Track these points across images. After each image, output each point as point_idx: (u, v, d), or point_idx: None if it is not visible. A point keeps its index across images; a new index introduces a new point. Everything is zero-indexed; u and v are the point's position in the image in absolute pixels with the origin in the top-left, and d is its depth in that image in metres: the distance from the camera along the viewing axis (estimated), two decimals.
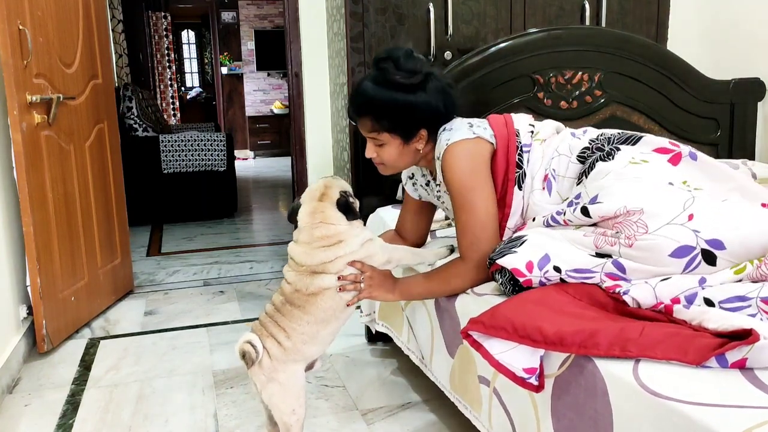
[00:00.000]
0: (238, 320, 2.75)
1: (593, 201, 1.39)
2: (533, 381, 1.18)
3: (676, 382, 0.94)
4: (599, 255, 1.33)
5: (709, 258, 1.20)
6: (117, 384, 2.18)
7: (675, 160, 1.45)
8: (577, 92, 2.46)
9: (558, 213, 1.46)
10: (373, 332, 2.35)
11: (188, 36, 11.18)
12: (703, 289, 1.18)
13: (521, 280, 1.36)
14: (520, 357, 1.18)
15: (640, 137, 1.52)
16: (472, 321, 1.25)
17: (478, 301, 1.47)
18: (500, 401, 1.37)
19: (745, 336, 0.97)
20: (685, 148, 1.47)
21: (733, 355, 0.97)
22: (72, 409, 2.02)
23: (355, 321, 2.64)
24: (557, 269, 1.33)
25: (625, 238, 1.28)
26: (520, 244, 1.40)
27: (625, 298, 1.23)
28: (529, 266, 1.35)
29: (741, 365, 0.96)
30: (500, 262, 1.40)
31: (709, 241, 1.20)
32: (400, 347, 2.04)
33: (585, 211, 1.38)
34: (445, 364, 1.67)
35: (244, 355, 1.52)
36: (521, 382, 1.19)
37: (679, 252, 1.21)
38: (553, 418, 1.17)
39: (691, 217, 1.23)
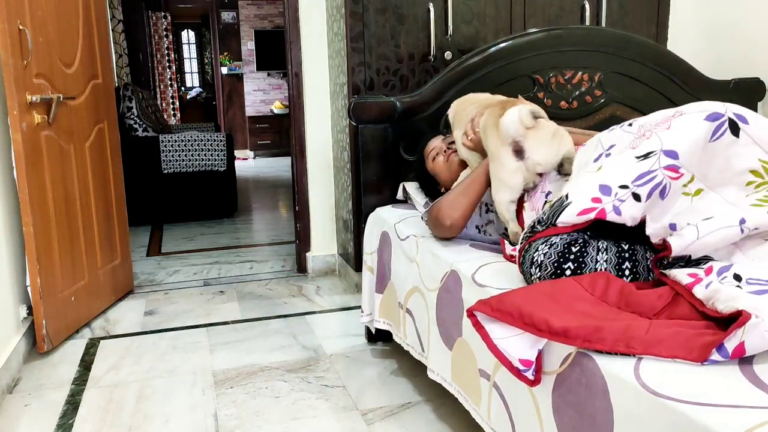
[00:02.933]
0: (238, 320, 2.75)
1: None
2: (529, 375, 1.18)
3: (677, 381, 0.94)
4: (641, 156, 1.33)
5: (734, 128, 1.30)
6: (117, 384, 2.18)
7: None
8: (577, 92, 2.46)
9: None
10: (373, 332, 2.35)
11: (188, 36, 11.18)
12: (742, 232, 1.20)
13: (593, 214, 1.30)
14: (518, 347, 1.18)
15: None
16: (480, 302, 1.25)
17: (480, 292, 1.47)
18: (500, 395, 1.37)
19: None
20: None
21: (731, 343, 0.97)
22: (72, 409, 2.02)
23: (355, 321, 2.65)
24: (624, 187, 1.30)
25: (663, 123, 1.35)
26: (567, 198, 1.37)
27: (671, 240, 1.23)
28: (596, 200, 1.32)
29: (741, 353, 0.96)
30: (562, 220, 1.34)
31: (737, 114, 1.30)
32: (399, 343, 2.05)
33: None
34: (443, 356, 1.67)
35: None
36: (516, 372, 1.19)
37: (711, 117, 1.31)
38: (554, 414, 1.17)
39: (724, 101, 1.37)
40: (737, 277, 1.13)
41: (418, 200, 2.17)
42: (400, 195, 2.35)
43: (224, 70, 9.51)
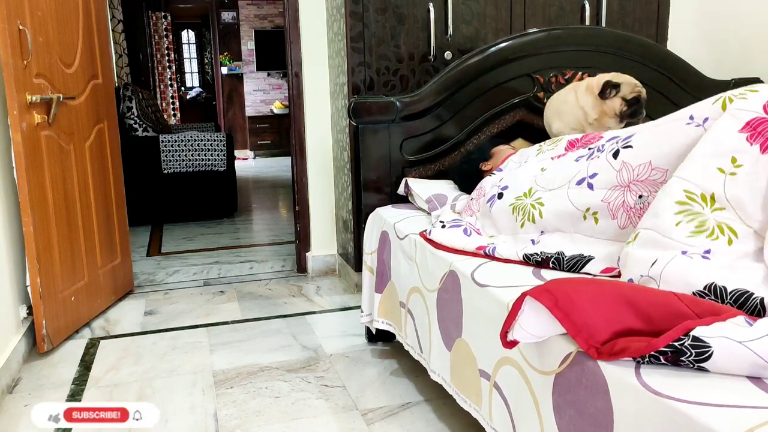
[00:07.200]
0: (238, 320, 2.75)
1: None
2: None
3: (678, 381, 0.94)
4: None
5: None
6: (117, 384, 2.18)
7: None
8: None
9: None
10: (373, 332, 2.35)
11: (188, 36, 11.19)
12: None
13: None
14: (536, 327, 1.13)
15: None
16: (544, 290, 1.10)
17: (480, 291, 1.47)
18: (500, 395, 1.37)
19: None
20: None
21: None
22: None
23: (355, 321, 2.65)
24: None
25: None
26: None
27: None
28: None
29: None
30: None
31: None
32: (401, 342, 2.05)
33: None
34: (444, 357, 1.67)
35: None
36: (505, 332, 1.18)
37: None
38: (555, 414, 1.17)
39: None
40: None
41: (421, 196, 2.19)
42: (401, 190, 2.35)
43: (224, 70, 9.51)
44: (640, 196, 1.42)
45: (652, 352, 0.97)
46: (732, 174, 1.24)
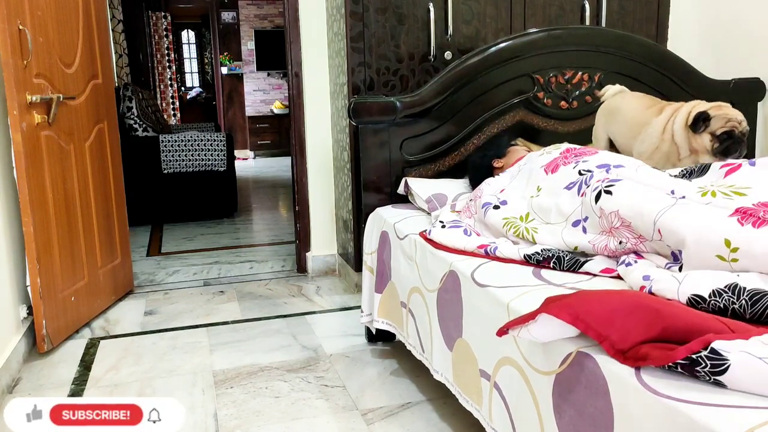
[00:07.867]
0: (238, 320, 2.75)
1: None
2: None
3: (678, 381, 0.94)
4: None
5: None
6: (117, 384, 2.18)
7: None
8: (577, 92, 2.46)
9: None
10: (373, 332, 2.35)
11: (188, 36, 11.18)
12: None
13: None
14: (544, 333, 1.14)
15: None
16: (566, 305, 1.10)
17: (480, 292, 1.47)
18: (500, 395, 1.37)
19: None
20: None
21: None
22: None
23: (355, 321, 2.65)
24: None
25: None
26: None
27: None
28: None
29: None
30: None
31: None
32: (403, 342, 2.05)
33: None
34: (446, 357, 1.67)
35: None
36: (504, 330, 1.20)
37: None
38: (555, 414, 1.17)
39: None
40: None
41: (420, 195, 2.20)
42: (401, 189, 2.35)
43: (224, 70, 9.50)
44: (621, 242, 1.47)
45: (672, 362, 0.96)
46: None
